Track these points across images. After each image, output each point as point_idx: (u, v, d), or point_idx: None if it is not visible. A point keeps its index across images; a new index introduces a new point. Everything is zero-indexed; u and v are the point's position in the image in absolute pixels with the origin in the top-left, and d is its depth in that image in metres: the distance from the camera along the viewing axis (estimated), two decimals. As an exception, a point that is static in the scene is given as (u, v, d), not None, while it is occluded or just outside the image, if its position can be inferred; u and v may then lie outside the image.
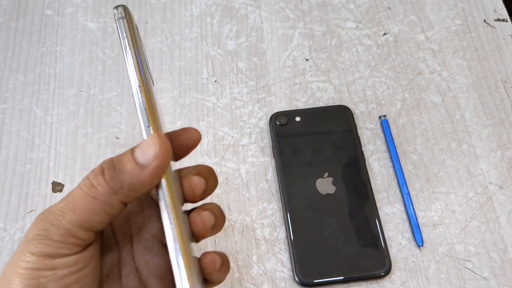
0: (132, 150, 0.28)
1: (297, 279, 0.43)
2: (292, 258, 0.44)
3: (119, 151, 0.50)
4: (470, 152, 0.50)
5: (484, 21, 0.58)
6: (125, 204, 0.28)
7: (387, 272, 0.44)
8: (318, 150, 0.50)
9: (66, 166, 0.50)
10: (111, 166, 0.28)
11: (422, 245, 0.45)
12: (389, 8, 0.59)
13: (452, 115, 0.52)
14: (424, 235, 0.46)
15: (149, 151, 0.27)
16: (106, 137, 0.52)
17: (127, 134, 0.52)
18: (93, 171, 0.28)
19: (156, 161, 0.27)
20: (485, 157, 0.50)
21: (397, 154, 0.49)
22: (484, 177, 0.49)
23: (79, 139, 0.52)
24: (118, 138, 0.52)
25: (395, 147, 0.50)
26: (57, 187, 0.49)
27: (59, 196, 0.48)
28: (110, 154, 0.51)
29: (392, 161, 0.49)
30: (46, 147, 0.51)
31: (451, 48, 0.56)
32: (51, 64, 0.56)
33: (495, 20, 0.58)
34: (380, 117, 0.52)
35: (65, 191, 0.49)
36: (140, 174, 0.27)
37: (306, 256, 0.44)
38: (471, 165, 0.50)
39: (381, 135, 0.51)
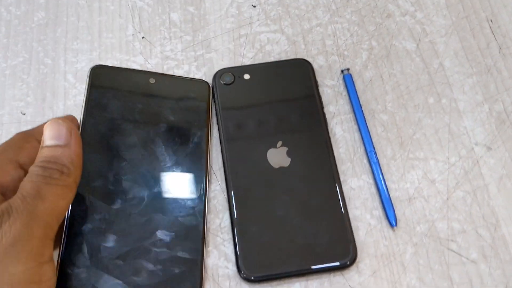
0: None
1: (243, 274, 0.35)
2: (236, 249, 0.36)
3: (25, 129, 0.41)
4: (451, 108, 0.42)
5: (465, -51, 0.48)
6: None
7: (353, 260, 0.35)
8: (271, 114, 0.41)
9: (-39, 151, 0.41)
10: None
11: (396, 225, 0.37)
12: None
13: (429, 64, 0.43)
14: (398, 212, 0.38)
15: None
16: (9, 113, 0.42)
17: (35, 109, 0.42)
18: None
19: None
20: (470, 113, 0.41)
21: (363, 115, 0.41)
22: (469, 137, 0.40)
23: (-23, 117, 0.42)
24: (24, 114, 0.42)
25: (360, 106, 0.41)
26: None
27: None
28: (13, 133, 0.41)
29: (358, 124, 0.41)
30: None
31: (426, -16, 0.47)
32: None
33: None
34: (342, 71, 0.43)
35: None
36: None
37: (254, 246, 0.36)
38: (453, 123, 0.41)
39: (344, 93, 0.42)
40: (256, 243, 0.36)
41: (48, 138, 0.30)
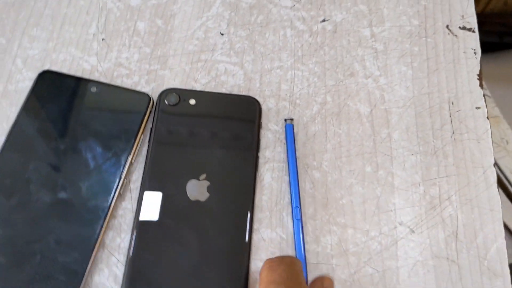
0: None
1: (123, 302, 0.34)
2: (124, 274, 0.35)
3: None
4: (386, 181, 0.40)
5: (447, 26, 0.48)
6: None
7: (239, 314, 0.34)
8: (205, 144, 0.40)
9: None
10: None
11: (295, 287, 0.35)
12: (337, -9, 0.49)
13: (377, 132, 0.42)
14: (300, 275, 0.36)
15: None
16: (-52, 83, 0.42)
17: (-25, 84, 0.42)
18: None
19: None
20: (403, 191, 0.40)
21: (297, 169, 0.40)
22: (396, 214, 0.39)
23: None
24: (-38, 87, 0.41)
25: (296, 159, 0.40)
26: None
27: None
28: None
29: (289, 176, 0.39)
30: None
31: (398, 52, 0.46)
32: None
33: (460, 27, 0.48)
34: (286, 120, 0.42)
35: None
36: None
37: (143, 275, 0.35)
38: (384, 197, 0.40)
39: (284, 141, 0.41)
40: (146, 273, 0.35)
41: None
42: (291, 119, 0.41)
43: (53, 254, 0.34)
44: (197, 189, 0.38)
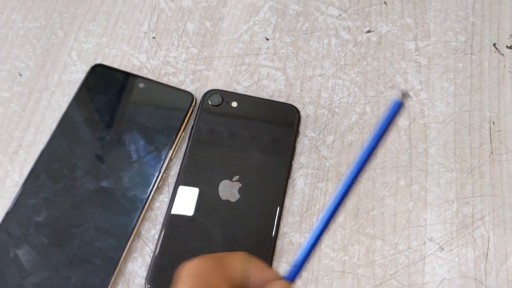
0: None
1: (147, 286, 0.36)
2: (151, 263, 0.36)
3: (16, 89, 0.43)
4: (419, 196, 0.41)
5: (494, 45, 0.47)
6: None
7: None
8: (242, 147, 0.41)
9: (-46, 92, 0.43)
10: None
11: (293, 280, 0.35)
12: (385, 2, 0.49)
13: (414, 147, 0.43)
14: (326, 282, 0.37)
15: None
16: (8, 70, 0.44)
17: (32, 74, 0.44)
18: None
19: None
20: (436, 207, 0.40)
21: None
22: (426, 230, 0.39)
23: (-20, 65, 0.44)
24: (21, 75, 0.44)
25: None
26: None
27: None
28: (5, 90, 0.43)
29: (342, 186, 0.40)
30: None
31: (441, 67, 0.46)
32: (-17, -24, 0.49)
33: (507, 46, 0.47)
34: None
35: None
36: None
37: (168, 265, 0.36)
38: (415, 212, 0.40)
39: (321, 148, 0.42)
40: (171, 263, 0.36)
41: None
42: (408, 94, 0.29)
43: (91, 239, 0.36)
44: (228, 190, 0.39)
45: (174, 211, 0.38)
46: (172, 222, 0.38)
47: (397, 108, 0.27)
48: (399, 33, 0.48)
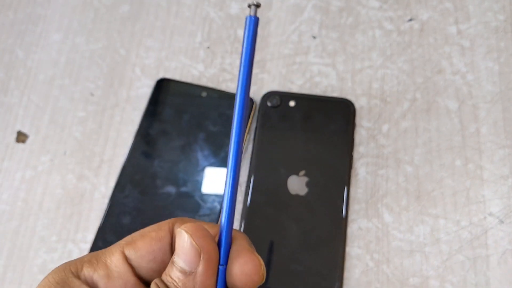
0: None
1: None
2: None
3: (90, 108, 0.47)
4: (475, 174, 0.43)
5: (534, 20, 0.49)
6: None
7: (341, 295, 0.39)
8: (304, 143, 0.44)
9: (35, 116, 0.47)
10: None
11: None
12: (423, -11, 0.51)
13: (465, 127, 0.45)
14: (396, 261, 0.40)
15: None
16: (81, 91, 0.48)
17: (103, 92, 0.48)
18: None
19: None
20: (492, 183, 0.43)
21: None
22: (485, 205, 0.42)
23: (54, 89, 0.48)
24: (93, 95, 0.48)
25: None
26: (21, 137, 0.47)
27: (20, 146, 0.46)
28: (81, 110, 0.47)
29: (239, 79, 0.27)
30: (20, 92, 0.48)
31: (484, 48, 0.48)
32: (44, 4, 0.53)
33: (547, 20, 0.49)
34: (250, 5, 0.26)
35: (28, 142, 0.46)
36: None
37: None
38: (473, 189, 0.43)
39: (377, 137, 0.45)
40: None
41: (178, 253, 0.24)
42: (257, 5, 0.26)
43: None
44: (297, 184, 0.42)
45: (250, 207, 0.42)
46: (249, 217, 0.41)
47: (254, 24, 0.24)
48: (440, 18, 0.50)
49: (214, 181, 0.43)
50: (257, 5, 0.24)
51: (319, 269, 0.39)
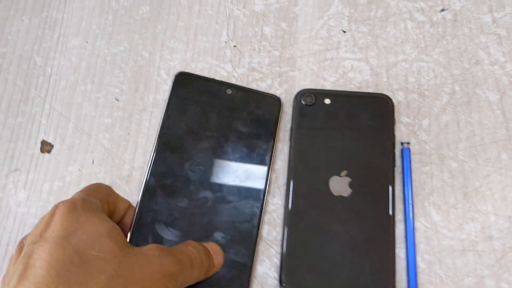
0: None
1: (282, 286, 0.38)
2: (282, 262, 0.38)
3: (116, 114, 0.45)
4: (523, 167, 0.41)
5: None
6: None
7: (395, 299, 0.37)
8: (343, 142, 0.42)
9: (59, 125, 0.45)
10: None
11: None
12: (453, -22, 0.49)
13: (509, 119, 0.43)
14: (449, 261, 0.38)
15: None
16: (105, 97, 0.46)
17: (128, 97, 0.46)
18: None
19: None
20: (542, 176, 0.41)
21: (411, 194, 0.41)
22: (536, 200, 0.40)
23: (77, 96, 0.46)
24: (118, 100, 0.46)
25: (411, 184, 0.41)
26: (46, 147, 0.45)
27: (46, 157, 0.44)
28: (106, 116, 0.45)
29: (404, 194, 0.41)
30: (41, 100, 0.46)
31: (522, 36, 0.46)
32: (59, 8, 0.51)
33: None
34: (402, 143, 0.43)
35: (54, 152, 0.44)
36: None
37: (299, 263, 0.38)
38: (522, 183, 0.41)
39: (418, 132, 0.43)
40: (300, 261, 0.38)
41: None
42: (408, 143, 0.43)
43: (222, 248, 0.38)
44: (339, 185, 0.41)
45: (292, 211, 0.40)
46: (293, 221, 0.39)
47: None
48: (473, 7, 0.48)
49: (250, 184, 0.41)
50: (408, 143, 0.41)
51: (370, 273, 0.37)
